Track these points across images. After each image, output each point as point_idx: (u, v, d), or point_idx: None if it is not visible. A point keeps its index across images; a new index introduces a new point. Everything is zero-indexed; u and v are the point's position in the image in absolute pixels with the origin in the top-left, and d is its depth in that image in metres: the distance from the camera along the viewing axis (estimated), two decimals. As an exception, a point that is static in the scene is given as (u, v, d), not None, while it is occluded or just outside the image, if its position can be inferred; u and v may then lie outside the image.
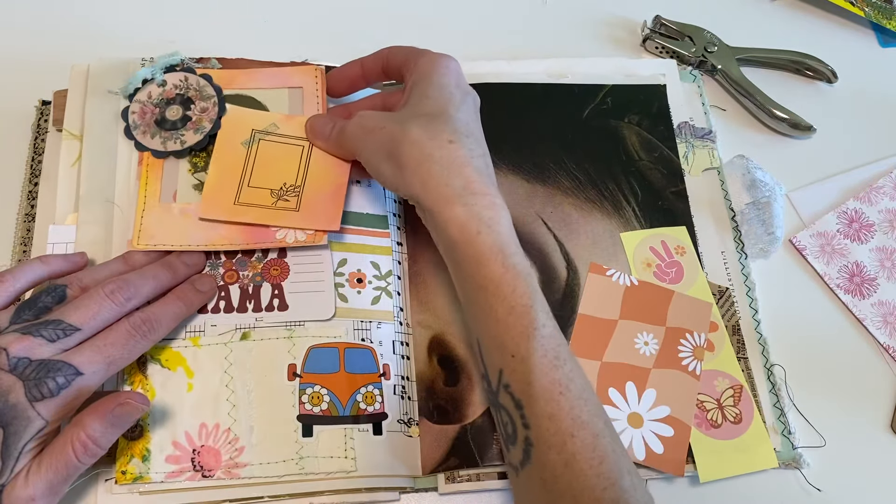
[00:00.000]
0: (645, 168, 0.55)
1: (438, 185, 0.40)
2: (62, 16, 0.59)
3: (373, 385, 0.45)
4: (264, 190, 0.47)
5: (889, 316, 0.53)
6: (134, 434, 0.42)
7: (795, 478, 0.48)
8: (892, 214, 0.57)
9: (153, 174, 0.47)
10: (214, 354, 0.44)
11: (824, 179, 0.58)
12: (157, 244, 0.45)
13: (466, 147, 0.41)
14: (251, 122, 0.49)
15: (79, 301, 0.40)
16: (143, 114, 0.49)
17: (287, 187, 0.47)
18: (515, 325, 0.38)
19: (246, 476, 0.42)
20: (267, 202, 0.46)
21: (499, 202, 0.41)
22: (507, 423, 0.39)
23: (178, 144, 0.48)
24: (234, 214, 0.46)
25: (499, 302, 0.39)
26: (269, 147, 0.48)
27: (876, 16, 0.65)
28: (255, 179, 0.47)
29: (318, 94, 0.51)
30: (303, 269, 0.46)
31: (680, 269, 0.52)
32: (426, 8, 0.63)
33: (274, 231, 0.46)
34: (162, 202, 0.47)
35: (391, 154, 0.42)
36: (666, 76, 0.59)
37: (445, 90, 0.43)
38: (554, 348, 0.38)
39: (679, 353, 0.49)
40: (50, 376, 0.36)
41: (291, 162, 0.48)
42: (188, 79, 0.50)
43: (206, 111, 0.49)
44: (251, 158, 0.48)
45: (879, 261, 0.55)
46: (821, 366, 0.51)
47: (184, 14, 0.60)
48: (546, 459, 0.37)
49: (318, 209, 0.46)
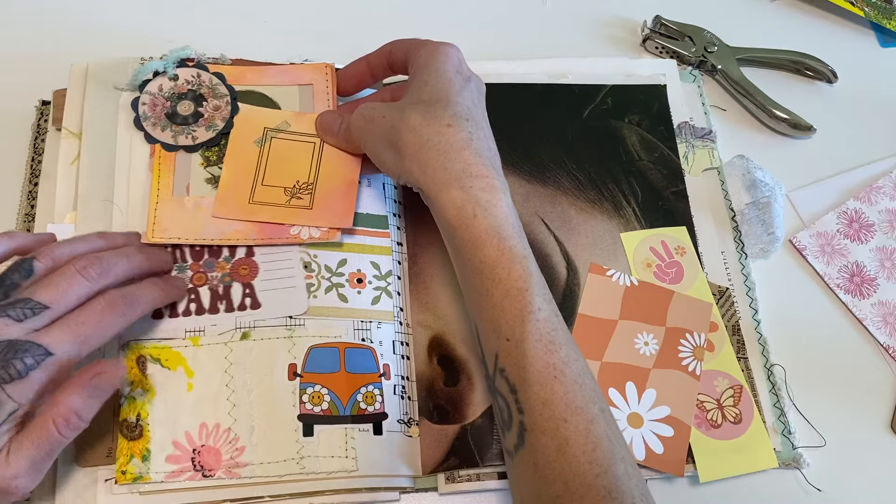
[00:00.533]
0: (645, 168, 0.55)
1: (436, 169, 0.40)
2: (62, 15, 0.59)
3: (373, 385, 0.45)
4: (278, 188, 0.47)
5: (889, 316, 0.53)
6: (134, 434, 0.42)
7: (795, 478, 0.48)
8: (892, 214, 0.57)
9: (165, 167, 0.48)
10: (214, 354, 0.44)
11: (824, 179, 0.58)
12: (171, 237, 0.45)
13: (465, 130, 0.41)
14: (263, 120, 0.49)
15: (49, 278, 0.38)
16: (153, 105, 0.49)
17: (300, 185, 0.47)
18: (510, 309, 0.38)
19: (247, 476, 0.42)
20: (281, 200, 0.47)
21: (498, 184, 0.40)
22: (504, 409, 0.39)
23: (189, 140, 0.48)
24: (248, 213, 0.46)
25: (494, 285, 0.39)
26: (282, 145, 0.49)
27: (876, 16, 0.65)
28: (269, 178, 0.47)
29: (328, 90, 0.51)
30: (272, 267, 0.46)
31: (680, 269, 0.52)
32: (426, 8, 0.63)
33: (288, 227, 0.47)
34: (175, 195, 0.47)
35: (391, 142, 0.42)
36: (666, 76, 0.59)
37: (444, 76, 0.44)
38: (549, 332, 0.38)
39: (679, 353, 0.49)
40: (18, 357, 0.35)
41: (304, 159, 0.48)
42: (200, 75, 0.50)
43: (220, 109, 0.49)
44: (264, 157, 0.48)
45: (879, 261, 0.55)
46: (821, 366, 0.51)
47: (184, 14, 0.60)
48: (539, 444, 0.37)
49: (331, 206, 0.47)
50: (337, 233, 0.47)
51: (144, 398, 0.43)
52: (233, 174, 0.47)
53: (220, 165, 0.48)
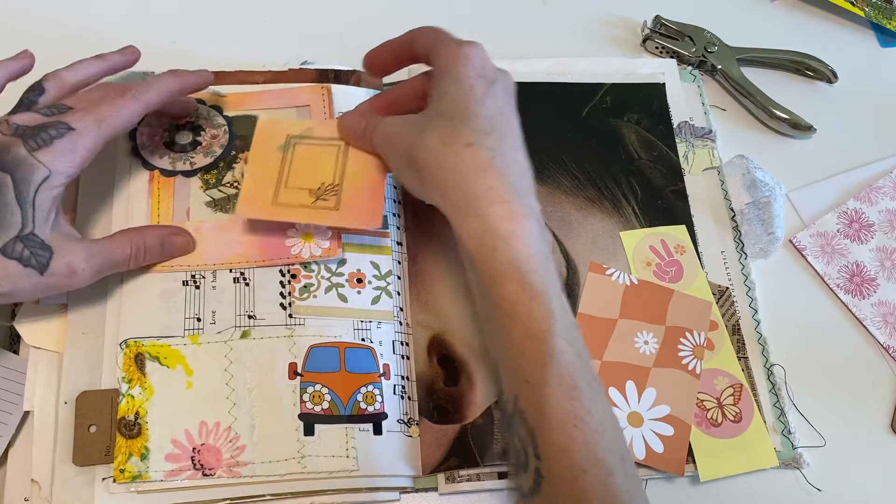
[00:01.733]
0: (644, 167, 0.55)
1: (454, 194, 0.38)
2: (62, 19, 0.59)
3: (373, 385, 0.45)
4: (302, 190, 0.46)
5: (889, 316, 0.53)
6: (132, 432, 0.42)
7: (795, 478, 0.48)
8: (892, 214, 0.57)
9: (164, 192, 0.48)
10: (214, 352, 0.44)
11: (824, 179, 0.58)
12: (173, 265, 0.46)
13: (485, 147, 0.39)
14: (286, 128, 0.48)
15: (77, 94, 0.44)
16: (151, 135, 0.50)
17: (325, 187, 0.46)
18: (531, 350, 0.36)
19: (247, 475, 0.42)
20: (306, 202, 0.46)
21: (520, 209, 0.38)
22: (520, 451, 0.37)
23: (187, 165, 0.49)
24: (273, 213, 0.46)
25: (514, 323, 0.36)
26: (306, 149, 0.48)
27: (876, 16, 0.65)
28: (293, 180, 0.47)
29: (325, 112, 0.52)
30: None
31: (680, 268, 0.52)
32: (426, 8, 0.63)
33: (289, 247, 0.47)
34: (176, 221, 0.47)
35: (411, 162, 0.40)
36: (665, 76, 0.59)
37: (465, 84, 0.40)
38: (571, 377, 0.35)
39: (679, 351, 0.48)
40: (44, 129, 0.39)
41: (328, 162, 0.47)
42: (198, 109, 0.51)
43: (217, 137, 0.50)
44: (287, 161, 0.47)
45: (879, 261, 0.55)
46: (821, 366, 0.51)
47: (184, 15, 0.60)
48: (556, 493, 0.35)
49: (359, 206, 0.46)
50: (338, 249, 0.47)
51: (143, 396, 0.43)
52: (255, 179, 0.46)
53: (220, 188, 0.49)
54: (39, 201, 0.39)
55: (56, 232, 0.40)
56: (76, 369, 0.44)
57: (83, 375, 0.43)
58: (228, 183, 0.49)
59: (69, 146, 0.40)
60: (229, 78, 0.53)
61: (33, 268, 0.39)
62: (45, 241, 0.39)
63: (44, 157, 0.39)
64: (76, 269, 0.40)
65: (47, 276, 0.39)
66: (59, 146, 0.39)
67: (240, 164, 0.50)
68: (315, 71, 0.54)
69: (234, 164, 0.50)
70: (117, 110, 0.41)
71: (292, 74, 0.54)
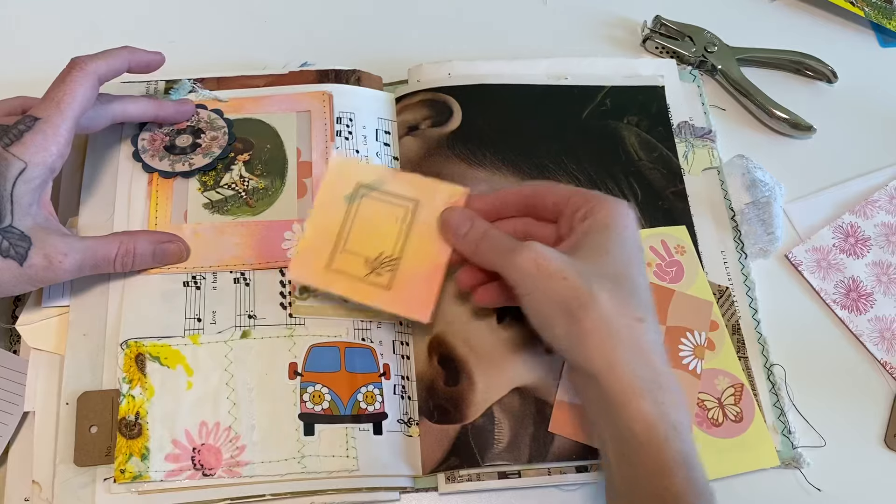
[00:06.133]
0: (644, 168, 0.55)
1: (626, 372, 0.36)
2: (62, 20, 0.59)
3: (373, 385, 0.45)
4: (359, 257, 0.44)
5: (886, 331, 0.52)
6: (133, 433, 0.42)
7: (795, 477, 0.47)
8: (887, 228, 0.56)
9: (163, 194, 0.48)
10: (214, 352, 0.44)
11: (819, 192, 0.57)
12: (170, 267, 0.46)
13: (652, 326, 0.38)
14: (358, 173, 0.46)
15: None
16: (152, 140, 0.50)
17: (383, 258, 0.44)
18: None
19: (247, 475, 0.42)
20: (360, 273, 0.44)
21: (682, 399, 0.37)
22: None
23: (185, 166, 0.49)
24: (323, 282, 0.44)
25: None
26: (372, 206, 0.45)
27: (876, 16, 0.65)
28: (352, 243, 0.44)
29: (325, 117, 0.51)
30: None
31: (680, 268, 0.52)
32: (426, 8, 0.63)
33: (285, 250, 0.47)
34: (173, 223, 0.47)
35: (570, 313, 0.37)
36: (665, 76, 0.59)
37: (627, 248, 0.40)
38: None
39: (679, 351, 0.48)
40: (13, 126, 0.41)
41: (392, 227, 0.45)
42: (199, 113, 0.51)
43: (216, 139, 0.50)
44: (351, 217, 0.45)
45: (876, 276, 0.54)
46: (818, 376, 0.51)
47: (184, 15, 0.60)
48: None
49: (411, 291, 0.44)
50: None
51: (143, 396, 0.43)
52: (316, 231, 0.45)
53: (218, 190, 0.49)
54: (18, 194, 0.40)
55: (37, 224, 0.41)
56: (77, 370, 0.44)
57: (84, 376, 0.44)
58: (226, 185, 0.49)
59: (40, 137, 0.41)
60: (230, 82, 0.53)
61: (12, 258, 0.40)
62: (24, 233, 0.40)
63: (17, 151, 0.40)
64: (54, 261, 0.41)
65: (27, 267, 0.40)
66: (30, 138, 0.41)
67: (238, 166, 0.50)
68: (316, 72, 0.54)
69: (233, 166, 0.50)
70: (69, 86, 0.42)
71: (293, 76, 0.54)
